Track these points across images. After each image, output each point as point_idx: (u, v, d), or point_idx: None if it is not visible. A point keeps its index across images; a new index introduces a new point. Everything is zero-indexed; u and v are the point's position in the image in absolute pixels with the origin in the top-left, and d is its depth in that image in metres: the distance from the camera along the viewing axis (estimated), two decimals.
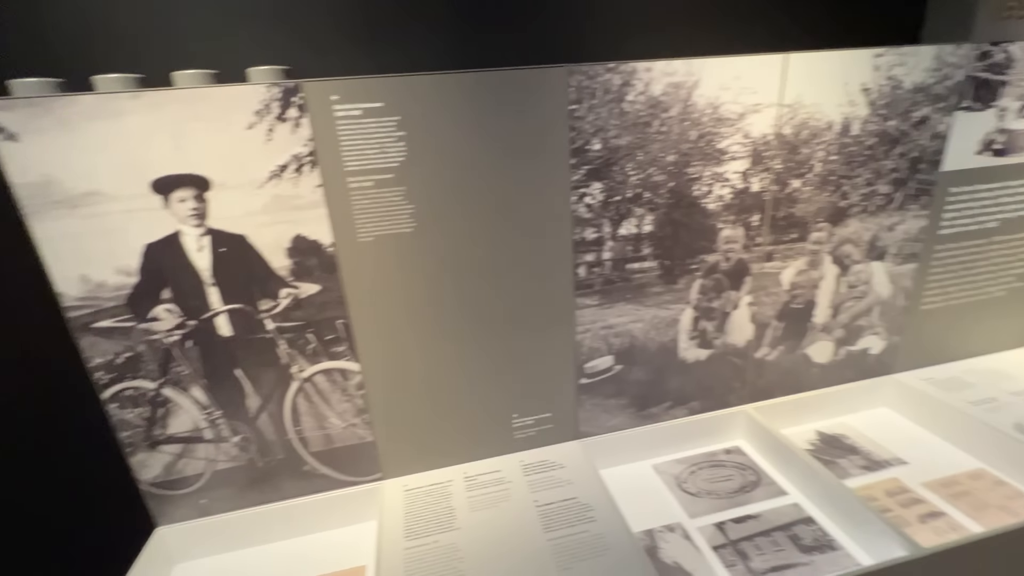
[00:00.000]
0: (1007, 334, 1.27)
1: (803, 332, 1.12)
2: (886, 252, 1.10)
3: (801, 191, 0.99)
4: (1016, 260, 1.19)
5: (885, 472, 1.02)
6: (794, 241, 1.03)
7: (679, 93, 0.86)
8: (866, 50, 0.92)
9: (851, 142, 0.98)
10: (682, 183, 0.92)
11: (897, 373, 1.22)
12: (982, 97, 1.01)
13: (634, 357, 1.03)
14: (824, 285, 1.09)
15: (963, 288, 1.18)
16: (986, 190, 1.10)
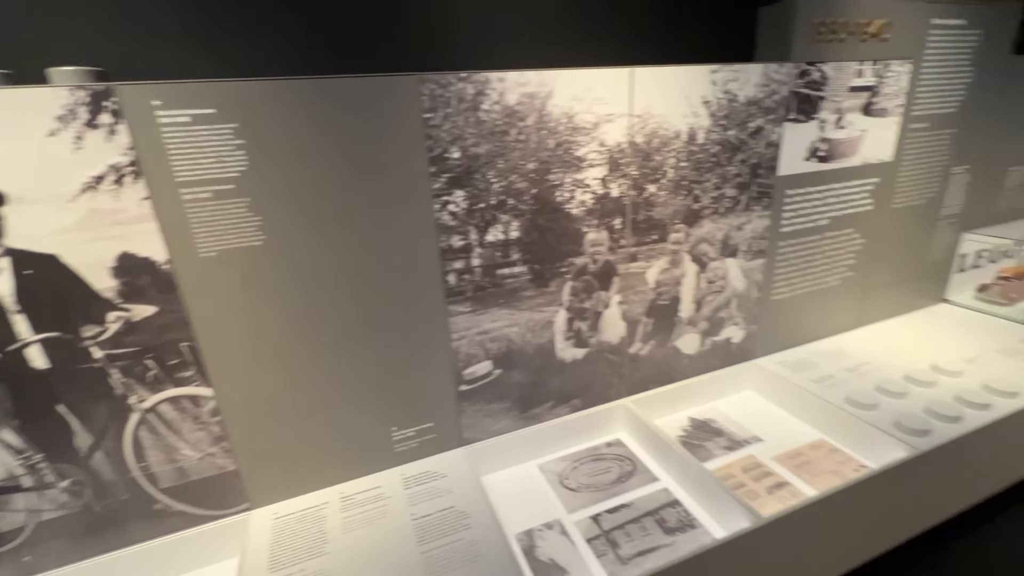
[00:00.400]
0: (843, 318, 1.45)
1: (671, 327, 1.20)
2: (738, 249, 1.20)
3: (657, 195, 1.06)
4: (846, 253, 1.36)
5: (744, 450, 1.12)
6: (655, 242, 1.10)
7: (534, 103, 0.89)
8: (703, 66, 1.01)
9: (698, 150, 1.07)
10: (544, 189, 0.95)
11: (757, 359, 1.34)
12: (805, 110, 1.14)
13: (513, 360, 1.05)
14: (686, 282, 1.17)
15: (805, 279, 1.33)
16: (815, 192, 1.24)
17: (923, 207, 1.44)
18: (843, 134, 1.21)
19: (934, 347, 1.36)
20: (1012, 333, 1.41)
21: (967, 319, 1.52)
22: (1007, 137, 1.48)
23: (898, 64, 1.21)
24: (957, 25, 1.25)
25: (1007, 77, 1.38)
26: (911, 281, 1.53)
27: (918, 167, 1.37)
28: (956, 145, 1.39)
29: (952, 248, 1.57)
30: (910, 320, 1.54)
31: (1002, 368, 1.23)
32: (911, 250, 1.48)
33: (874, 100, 1.22)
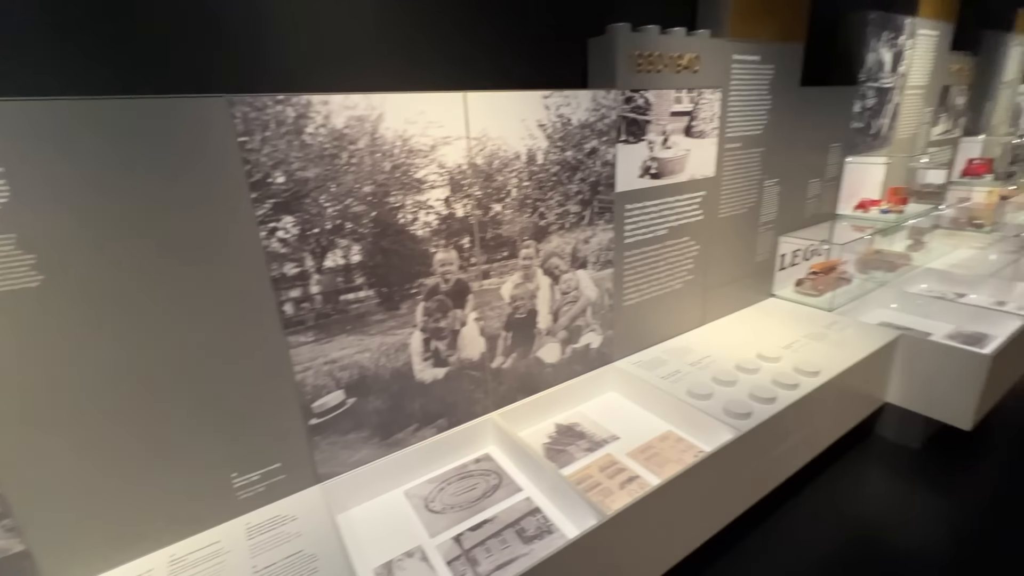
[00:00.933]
0: (689, 317, 1.61)
1: (531, 338, 1.24)
2: (587, 261, 1.29)
3: (503, 214, 1.10)
4: (685, 259, 1.52)
5: (602, 450, 1.18)
6: (506, 258, 1.14)
7: (364, 126, 0.88)
8: (535, 92, 1.07)
9: (538, 170, 1.13)
10: (385, 212, 0.95)
11: (616, 361, 1.44)
12: (634, 132, 1.26)
13: (367, 387, 1.02)
14: (541, 295, 1.23)
15: (651, 284, 1.45)
16: (652, 205, 1.37)
17: (745, 215, 1.65)
18: (670, 153, 1.35)
19: (761, 337, 1.56)
20: (820, 320, 1.66)
21: (788, 310, 1.77)
22: (804, 153, 1.75)
23: (709, 92, 1.38)
24: (753, 60, 1.46)
25: (798, 104, 1.64)
26: (743, 280, 1.74)
27: (737, 181, 1.57)
28: (765, 162, 1.62)
29: (773, 250, 1.81)
30: (745, 315, 1.75)
31: (809, 352, 1.44)
32: (740, 253, 1.69)
33: (693, 123, 1.38)
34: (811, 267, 1.86)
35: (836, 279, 1.90)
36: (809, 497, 1.44)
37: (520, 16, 1.16)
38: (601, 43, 1.20)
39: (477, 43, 1.11)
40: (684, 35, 1.29)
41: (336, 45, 0.94)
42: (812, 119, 1.73)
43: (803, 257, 1.94)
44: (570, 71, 1.27)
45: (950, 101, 2.42)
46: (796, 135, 1.69)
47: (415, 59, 1.03)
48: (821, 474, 1.52)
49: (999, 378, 1.49)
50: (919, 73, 2.12)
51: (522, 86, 1.11)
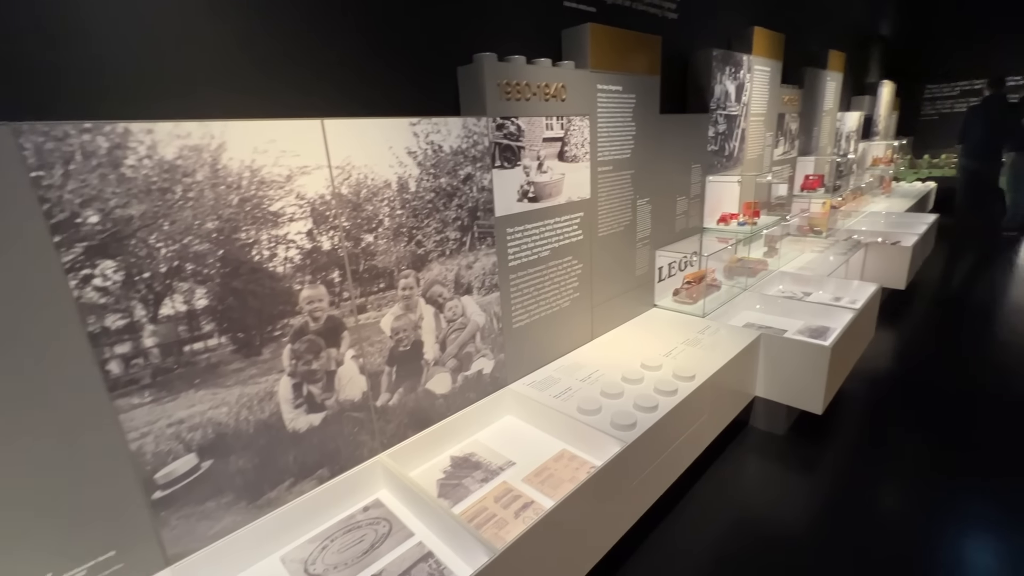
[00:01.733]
0: (579, 333, 1.66)
1: (419, 370, 1.20)
2: (472, 287, 1.27)
3: (377, 244, 1.05)
4: (570, 277, 1.57)
5: (498, 479, 1.16)
6: (384, 290, 1.09)
7: (201, 157, 0.80)
8: (401, 119, 1.05)
9: (412, 197, 1.10)
10: (235, 249, 0.86)
11: (510, 384, 1.43)
12: (509, 158, 1.29)
13: (227, 446, 0.90)
14: (425, 324, 1.19)
15: (539, 305, 1.48)
16: (533, 228, 1.40)
17: (622, 233, 1.75)
18: (546, 177, 1.40)
19: (645, 347, 1.65)
20: (695, 326, 1.80)
21: (668, 319, 1.89)
22: (669, 174, 1.92)
23: (579, 119, 1.45)
24: (616, 90, 1.57)
25: (659, 130, 1.79)
26: (627, 294, 1.84)
27: (612, 201, 1.66)
28: (636, 183, 1.74)
29: (651, 263, 1.94)
30: (631, 326, 1.84)
31: (687, 357, 1.55)
32: (621, 269, 1.79)
33: (566, 148, 1.44)
34: (685, 277, 2.02)
35: (707, 286, 2.08)
36: (700, 489, 1.53)
37: (389, 45, 1.14)
38: (470, 72, 1.21)
39: (342, 70, 1.07)
40: (550, 66, 1.35)
41: (168, 68, 0.85)
42: (673, 143, 1.89)
43: (678, 268, 2.10)
44: (444, 99, 1.27)
45: (786, 126, 2.80)
46: (661, 157, 1.84)
47: (267, 85, 0.96)
48: (708, 467, 1.62)
49: (839, 365, 1.71)
50: (758, 103, 2.43)
51: (391, 113, 1.08)
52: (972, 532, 1.35)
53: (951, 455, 1.65)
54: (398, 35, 1.16)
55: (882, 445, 1.72)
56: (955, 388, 2.06)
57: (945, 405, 1.94)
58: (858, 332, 1.90)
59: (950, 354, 2.38)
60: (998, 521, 1.37)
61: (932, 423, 1.83)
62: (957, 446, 1.70)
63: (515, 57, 1.26)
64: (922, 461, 1.63)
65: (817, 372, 1.59)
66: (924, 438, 1.75)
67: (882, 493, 1.50)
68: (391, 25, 1.15)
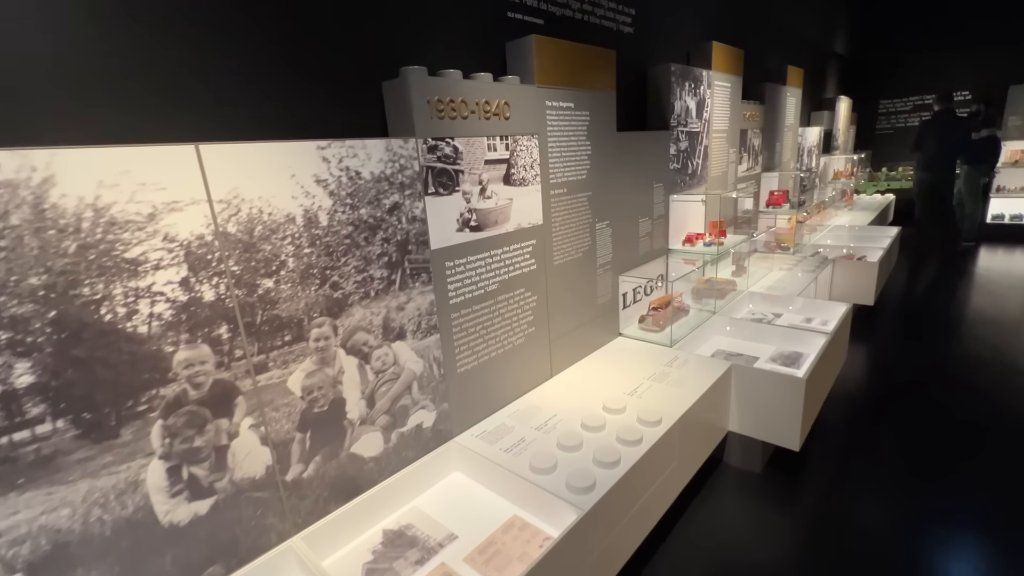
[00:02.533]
0: (537, 371, 1.51)
1: (340, 433, 1.02)
2: (405, 331, 1.11)
3: (279, 290, 0.89)
4: (523, 311, 1.42)
5: (436, 559, 0.98)
6: (291, 343, 0.92)
7: (18, 195, 0.62)
8: (307, 142, 0.90)
9: (324, 233, 0.94)
10: (75, 309, 0.68)
11: (457, 436, 1.26)
12: (445, 184, 1.14)
13: (72, 558, 0.71)
14: (348, 379, 1.02)
15: (489, 344, 1.32)
16: (477, 260, 1.25)
17: (581, 259, 1.62)
18: (490, 204, 1.26)
19: (608, 384, 1.51)
20: (662, 357, 1.67)
21: (634, 349, 1.76)
22: (630, 195, 1.80)
23: (526, 139, 1.32)
24: (567, 107, 1.45)
25: (617, 148, 1.68)
26: (589, 324, 1.71)
27: (568, 226, 1.53)
28: (594, 205, 1.62)
29: (615, 289, 1.82)
30: (595, 359, 1.70)
31: (653, 396, 1.41)
32: (582, 297, 1.65)
33: (512, 171, 1.30)
34: (650, 303, 1.90)
35: (675, 311, 1.97)
36: (672, 543, 1.38)
37: (299, 54, 0.99)
38: (395, 88, 1.07)
39: (229, 82, 0.90)
40: (491, 81, 1.22)
41: None
42: (633, 162, 1.79)
43: (644, 293, 1.98)
44: (370, 118, 1.12)
45: (748, 143, 2.75)
46: (620, 177, 1.73)
47: (119, 102, 0.79)
48: (682, 514, 1.48)
49: (815, 395, 1.61)
50: (720, 119, 2.37)
51: (300, 135, 0.93)
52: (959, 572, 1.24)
53: (932, 485, 1.55)
54: (312, 44, 1.01)
55: (863, 480, 1.61)
56: (933, 413, 1.99)
57: (924, 431, 1.85)
58: (832, 356, 1.80)
59: (924, 373, 2.31)
60: (990, 561, 1.27)
61: (913, 452, 1.74)
62: (938, 474, 1.60)
63: (449, 71, 1.13)
64: (904, 494, 1.53)
65: (792, 406, 1.48)
66: (907, 466, 1.65)
67: (864, 532, 1.38)
68: (306, 31, 1.00)
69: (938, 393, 2.11)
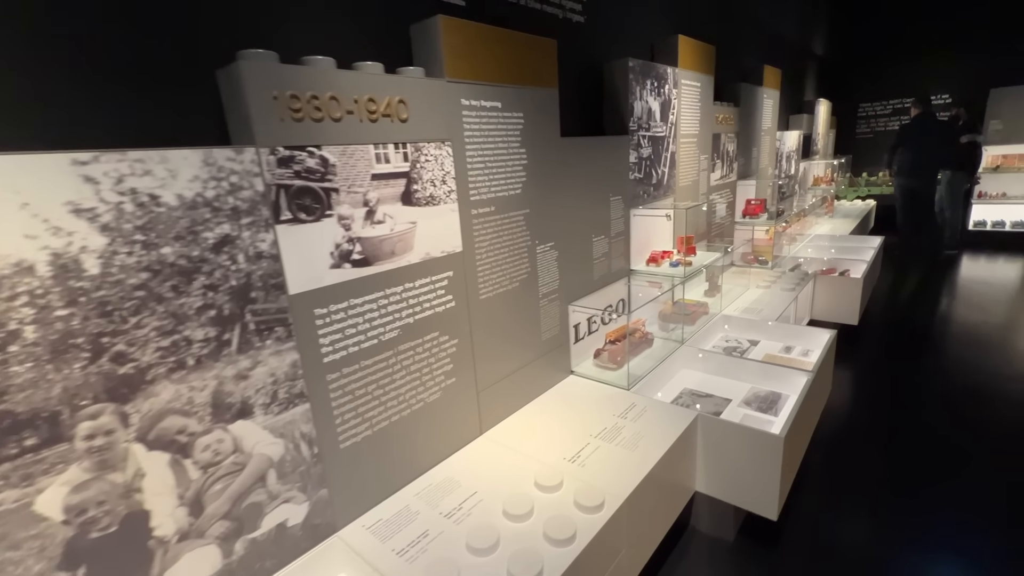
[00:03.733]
0: (461, 431, 1.23)
1: (144, 559, 0.73)
2: (251, 405, 0.83)
3: (8, 373, 0.60)
4: (439, 360, 1.14)
5: None
6: (39, 448, 0.63)
7: None
8: (53, 155, 0.61)
9: (94, 285, 0.65)
10: None
11: (341, 530, 0.98)
12: (308, 207, 0.86)
13: None
14: (150, 484, 0.73)
15: (387, 407, 1.04)
16: (365, 302, 0.97)
17: (518, 290, 1.35)
18: (382, 229, 0.98)
19: (548, 443, 1.24)
20: (617, 403, 1.40)
21: (585, 393, 1.50)
22: (580, 210, 1.54)
23: (433, 147, 1.05)
24: (492, 107, 1.18)
25: (561, 157, 1.41)
26: (532, 364, 1.44)
27: (498, 252, 1.26)
28: (532, 225, 1.35)
29: (564, 321, 1.55)
30: (538, 407, 1.43)
31: (599, 462, 1.15)
32: (520, 335, 1.38)
33: (415, 187, 1.03)
34: (607, 335, 1.64)
35: (637, 342, 1.71)
36: None
37: (88, 38, 0.70)
38: (229, 79, 0.79)
39: None
40: (380, 72, 0.94)
41: None
42: (584, 173, 1.52)
43: (601, 322, 1.72)
44: (200, 122, 0.84)
45: (722, 148, 2.52)
46: (567, 191, 1.46)
47: None
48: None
49: (794, 450, 1.36)
50: (689, 122, 2.12)
51: (58, 145, 0.64)
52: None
53: (936, 548, 1.31)
54: (109, 14, 0.73)
55: (852, 550, 1.37)
56: (932, 449, 1.75)
57: (923, 474, 1.62)
58: (815, 395, 1.56)
59: (917, 401, 2.09)
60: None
61: (911, 501, 1.50)
62: (948, 543, 1.36)
63: (316, 59, 0.85)
64: (892, 556, 1.28)
65: (768, 468, 1.22)
66: (897, 525, 1.41)
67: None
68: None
69: (934, 421, 1.89)
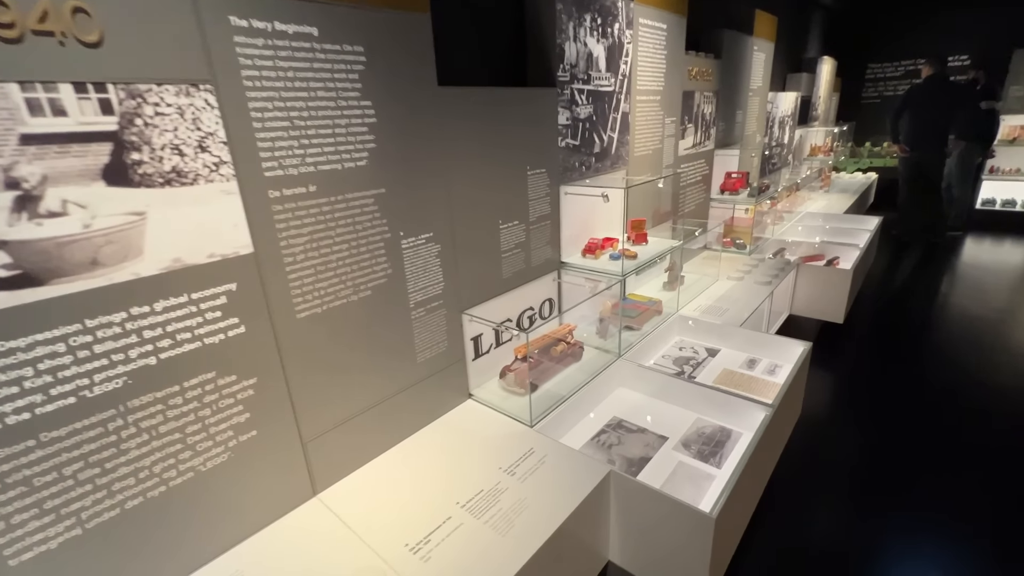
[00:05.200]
0: (255, 507, 0.88)
1: None
2: None
3: None
4: (224, 408, 0.79)
5: None
6: None
7: None
8: None
9: None
10: None
11: None
12: None
13: None
14: None
15: (114, 490, 0.70)
16: (36, 344, 0.61)
17: (373, 299, 0.98)
18: (64, 227, 0.61)
19: (396, 514, 0.90)
20: (510, 448, 1.07)
21: (479, 426, 1.16)
22: (477, 188, 1.16)
23: (173, 93, 0.66)
24: (300, 35, 0.78)
25: (440, 115, 1.02)
26: (408, 392, 1.09)
27: (331, 250, 0.89)
28: (391, 210, 0.97)
29: (458, 334, 1.19)
30: (411, 447, 1.09)
31: (443, 561, 0.81)
32: (383, 356, 1.03)
33: (135, 157, 0.65)
34: (515, 351, 1.29)
35: (562, 355, 1.36)
36: None
37: None
38: None
39: None
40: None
41: None
42: (483, 137, 1.13)
43: (518, 327, 1.37)
44: None
45: (696, 110, 2.10)
46: (454, 163, 1.08)
47: None
48: None
49: (732, 527, 1.04)
50: (650, 75, 1.70)
51: None
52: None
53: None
54: None
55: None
56: (923, 500, 1.44)
57: (880, 514, 1.31)
58: (776, 430, 1.23)
59: (907, 435, 1.77)
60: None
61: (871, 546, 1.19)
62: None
63: None
64: None
65: (697, 549, 0.90)
66: None
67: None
68: None
69: (920, 443, 1.57)
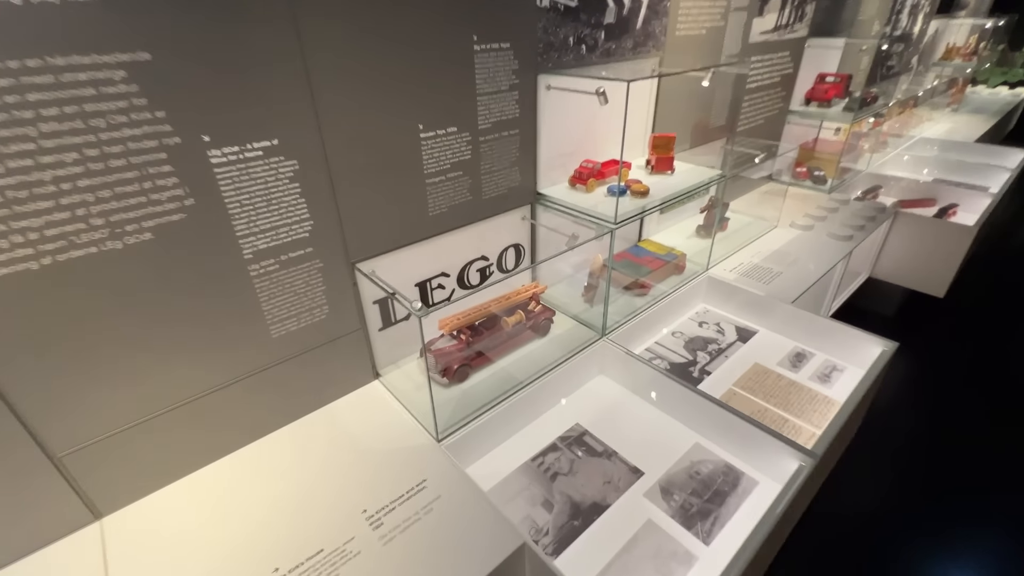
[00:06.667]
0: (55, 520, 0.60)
1: None
2: None
3: None
4: None
5: None
6: None
7: None
8: None
9: None
10: None
11: None
12: None
13: None
14: None
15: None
16: None
17: (160, 245, 0.61)
18: None
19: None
20: (395, 477, 0.73)
21: (368, 429, 0.81)
22: (365, 64, 0.70)
23: None
24: None
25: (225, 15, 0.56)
26: (259, 376, 0.75)
27: (42, 162, 0.51)
28: (173, 94, 0.56)
29: (350, 295, 0.82)
30: (256, 453, 0.78)
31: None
32: (190, 332, 0.68)
33: None
34: (439, 323, 0.90)
35: (516, 328, 0.97)
36: None
37: None
38: None
39: None
40: None
41: None
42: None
43: (423, 302, 0.97)
44: None
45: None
46: (315, 15, 0.62)
47: None
48: None
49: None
50: None
51: None
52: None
53: None
54: None
55: None
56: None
57: None
58: (811, 484, 0.81)
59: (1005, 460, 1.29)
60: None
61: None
62: None
63: None
64: None
65: None
66: None
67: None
68: None
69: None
